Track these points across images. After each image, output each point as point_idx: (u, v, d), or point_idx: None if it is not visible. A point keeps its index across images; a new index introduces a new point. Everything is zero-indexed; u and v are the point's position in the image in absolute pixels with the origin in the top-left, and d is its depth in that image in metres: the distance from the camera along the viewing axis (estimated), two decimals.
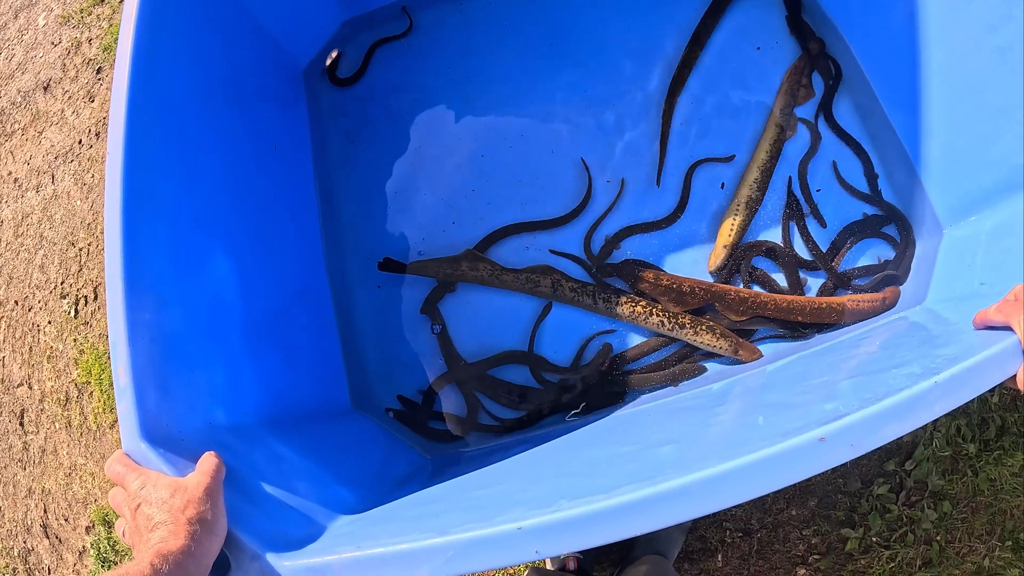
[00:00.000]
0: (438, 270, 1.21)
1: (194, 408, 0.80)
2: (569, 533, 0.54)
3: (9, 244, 2.15)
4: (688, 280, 1.14)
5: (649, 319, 1.12)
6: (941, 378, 0.57)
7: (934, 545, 1.33)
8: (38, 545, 1.91)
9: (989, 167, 0.97)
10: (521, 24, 1.34)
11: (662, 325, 1.11)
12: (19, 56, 2.34)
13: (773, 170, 1.17)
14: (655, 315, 1.11)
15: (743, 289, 1.12)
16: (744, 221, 1.15)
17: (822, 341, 1.08)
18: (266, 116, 1.18)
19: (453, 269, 1.20)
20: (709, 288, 1.12)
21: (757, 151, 1.18)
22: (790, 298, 1.11)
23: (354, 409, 1.18)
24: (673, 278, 1.14)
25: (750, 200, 1.16)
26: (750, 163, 1.18)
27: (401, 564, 0.58)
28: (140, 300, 0.76)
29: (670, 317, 1.11)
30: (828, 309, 1.09)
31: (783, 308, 1.10)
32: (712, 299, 1.11)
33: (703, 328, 1.10)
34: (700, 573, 1.40)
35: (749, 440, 0.59)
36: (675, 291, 1.12)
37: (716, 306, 1.12)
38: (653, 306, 1.12)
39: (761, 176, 1.17)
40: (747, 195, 1.16)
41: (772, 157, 1.17)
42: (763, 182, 1.17)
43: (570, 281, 1.16)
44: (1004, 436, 1.35)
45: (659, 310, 1.12)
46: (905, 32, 1.04)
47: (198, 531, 0.62)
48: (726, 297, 1.11)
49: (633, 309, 1.12)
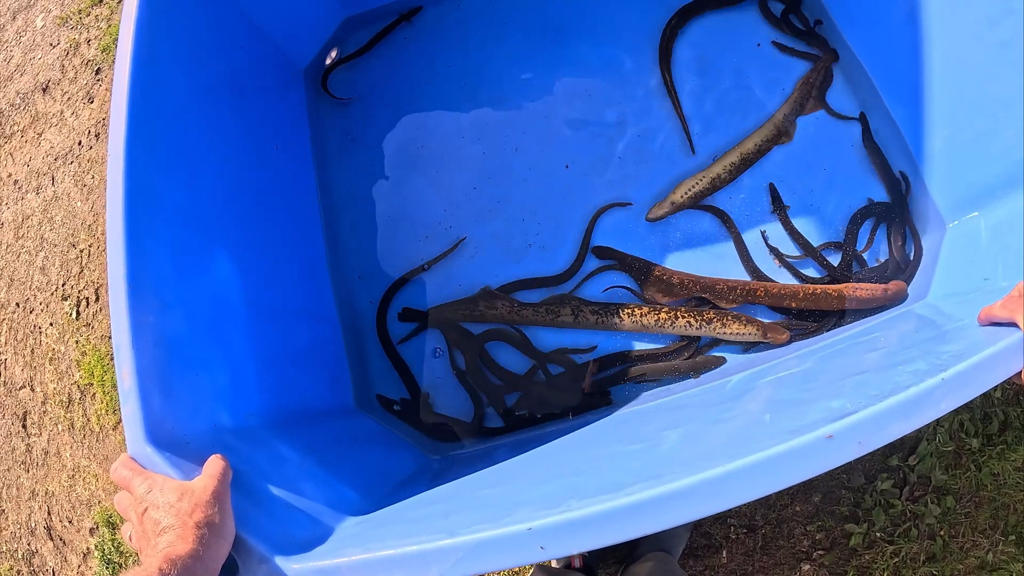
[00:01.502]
0: (456, 313, 1.20)
1: (198, 411, 0.80)
2: (579, 533, 0.54)
3: (10, 246, 2.14)
4: (677, 273, 1.15)
5: (675, 324, 1.12)
6: (947, 375, 0.57)
7: (937, 540, 1.33)
8: (42, 547, 1.91)
9: (991, 162, 0.97)
10: (521, 21, 1.33)
11: (689, 327, 1.12)
12: (17, 58, 2.33)
13: (751, 164, 1.18)
14: (681, 318, 1.12)
15: (731, 279, 1.13)
16: (702, 191, 1.17)
17: (825, 338, 1.08)
18: (266, 116, 1.18)
19: (470, 310, 1.19)
20: (698, 280, 1.13)
21: (746, 140, 1.19)
22: (781, 285, 1.11)
23: (358, 410, 1.18)
24: (663, 270, 1.15)
25: (717, 178, 1.17)
26: (735, 147, 1.19)
27: (410, 566, 0.58)
28: (143, 303, 0.76)
29: (696, 316, 1.11)
30: (823, 296, 1.09)
31: (774, 295, 1.11)
32: (701, 290, 1.13)
33: (729, 319, 1.10)
34: (705, 569, 1.40)
35: (756, 438, 0.59)
36: (664, 282, 1.14)
37: (707, 296, 1.12)
38: (676, 310, 1.12)
39: (739, 163, 1.18)
40: (717, 172, 1.17)
41: (757, 152, 1.18)
42: (738, 169, 1.18)
43: (590, 305, 1.15)
44: (1007, 431, 1.35)
45: (684, 312, 1.12)
46: (906, 27, 1.03)
47: (206, 535, 0.62)
48: (715, 287, 1.12)
49: (658, 318, 1.13)
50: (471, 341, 1.18)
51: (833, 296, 1.09)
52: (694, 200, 1.18)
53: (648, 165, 1.22)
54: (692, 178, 1.18)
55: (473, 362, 1.17)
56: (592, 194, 1.23)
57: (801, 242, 1.15)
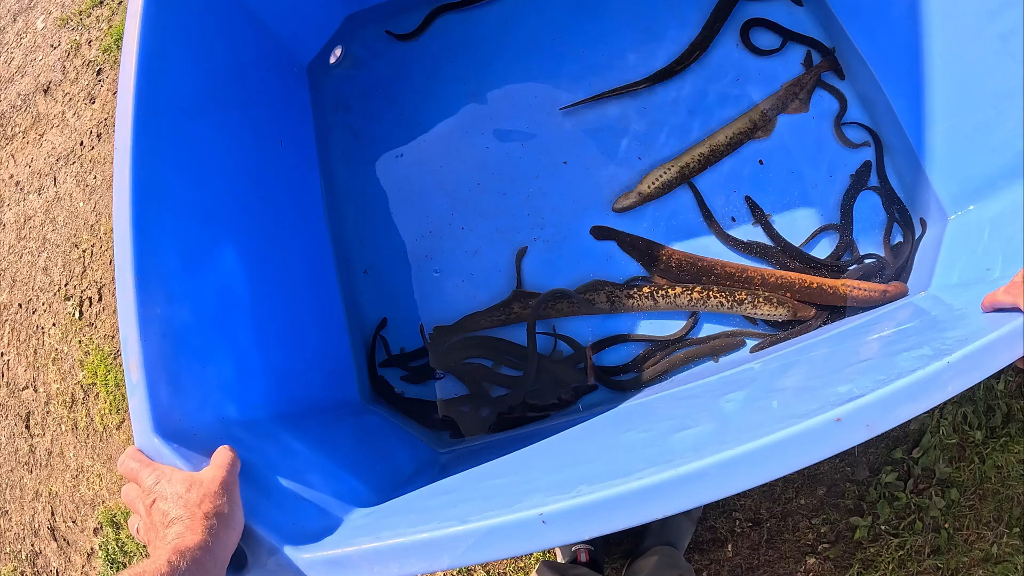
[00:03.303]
0: (491, 319, 1.19)
1: (205, 402, 0.80)
2: (590, 518, 0.54)
3: (12, 247, 2.14)
4: (677, 253, 1.16)
5: (708, 303, 1.12)
6: (953, 358, 0.57)
7: (942, 532, 1.34)
8: (46, 548, 1.90)
9: (991, 153, 0.97)
10: (524, 18, 1.34)
11: (721, 306, 1.12)
12: (18, 59, 2.34)
13: (722, 156, 1.18)
14: (713, 297, 1.12)
15: (729, 263, 1.14)
16: (669, 181, 1.17)
17: (829, 330, 1.09)
18: (271, 111, 1.18)
19: (506, 315, 1.18)
20: (695, 262, 1.14)
21: (718, 132, 1.19)
22: (780, 273, 1.11)
23: (364, 403, 1.18)
24: (666, 250, 1.16)
25: (685, 168, 1.18)
26: (706, 139, 1.19)
27: (421, 553, 0.58)
28: (150, 295, 0.76)
29: (727, 296, 1.11)
30: (819, 291, 1.10)
31: (770, 284, 1.11)
32: (699, 272, 1.13)
33: (761, 300, 1.11)
34: (710, 563, 1.40)
35: (765, 423, 0.59)
36: (663, 262, 1.15)
37: (704, 280, 1.13)
38: (709, 290, 1.13)
39: (709, 154, 1.18)
40: (686, 162, 1.18)
41: (729, 145, 1.18)
42: (707, 161, 1.18)
43: (624, 288, 1.15)
44: (1010, 423, 1.35)
45: (716, 292, 1.12)
46: (906, 19, 1.04)
47: (215, 525, 0.61)
48: (713, 271, 1.13)
49: (691, 297, 1.13)
50: (473, 369, 1.19)
51: (829, 291, 1.09)
52: (661, 190, 1.18)
53: (652, 160, 1.23)
54: (660, 168, 1.19)
55: (480, 387, 1.17)
56: (596, 188, 1.23)
57: (784, 246, 1.15)
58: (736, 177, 1.20)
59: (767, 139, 1.19)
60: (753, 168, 1.19)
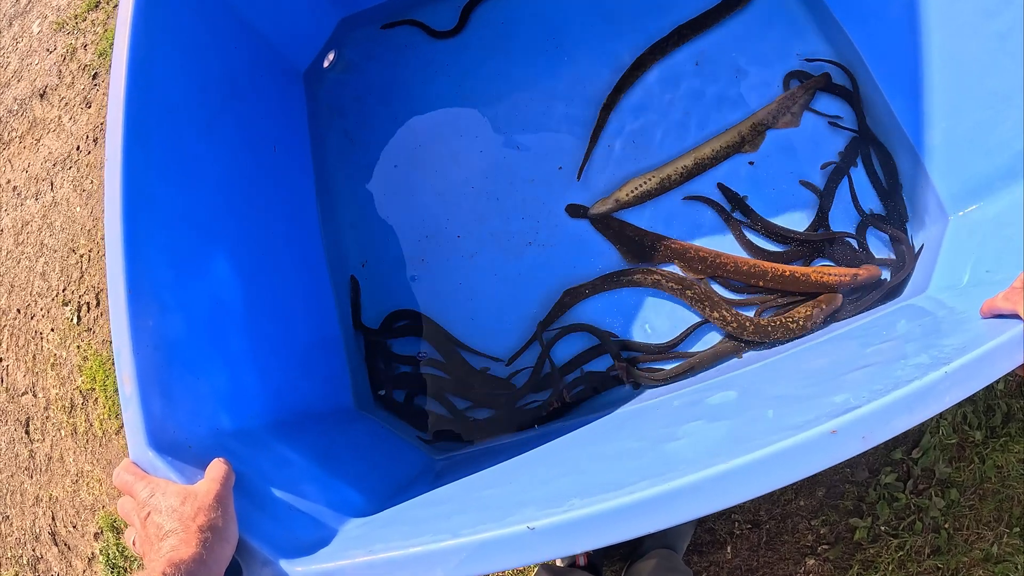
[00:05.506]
0: (553, 319, 1.17)
1: (199, 414, 0.80)
2: (583, 532, 0.54)
3: (10, 252, 2.14)
4: (651, 234, 1.16)
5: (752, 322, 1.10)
6: (951, 368, 0.57)
7: (942, 533, 1.33)
8: (47, 553, 1.91)
9: (990, 154, 0.96)
10: (519, 22, 1.33)
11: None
12: (14, 64, 2.33)
13: (705, 170, 1.17)
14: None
15: (703, 248, 1.14)
16: (649, 191, 1.17)
17: (828, 332, 1.08)
18: (264, 118, 1.17)
19: (561, 311, 1.18)
20: (669, 245, 1.14)
21: (704, 145, 1.17)
22: (752, 262, 1.11)
23: (359, 411, 1.18)
24: (637, 231, 1.17)
25: (667, 179, 1.16)
26: (691, 151, 1.18)
27: (414, 567, 0.58)
28: (143, 307, 0.76)
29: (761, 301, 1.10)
30: (791, 278, 1.09)
31: (743, 272, 1.10)
32: (673, 256, 1.14)
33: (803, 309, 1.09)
34: (710, 565, 1.40)
35: (760, 434, 0.59)
36: (638, 244, 1.16)
37: (676, 263, 1.13)
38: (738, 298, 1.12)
39: (692, 167, 1.16)
40: (667, 173, 1.16)
41: (714, 158, 1.16)
42: (690, 173, 1.17)
43: (671, 276, 1.13)
44: (1010, 423, 1.35)
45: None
46: (904, 18, 1.03)
47: (209, 538, 0.62)
48: (686, 255, 1.13)
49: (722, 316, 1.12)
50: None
51: (801, 279, 1.09)
52: (639, 199, 1.17)
53: (645, 162, 1.22)
54: (640, 177, 1.18)
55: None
56: (591, 192, 1.22)
57: (763, 225, 1.13)
58: (729, 179, 1.19)
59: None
60: (746, 170, 1.19)
